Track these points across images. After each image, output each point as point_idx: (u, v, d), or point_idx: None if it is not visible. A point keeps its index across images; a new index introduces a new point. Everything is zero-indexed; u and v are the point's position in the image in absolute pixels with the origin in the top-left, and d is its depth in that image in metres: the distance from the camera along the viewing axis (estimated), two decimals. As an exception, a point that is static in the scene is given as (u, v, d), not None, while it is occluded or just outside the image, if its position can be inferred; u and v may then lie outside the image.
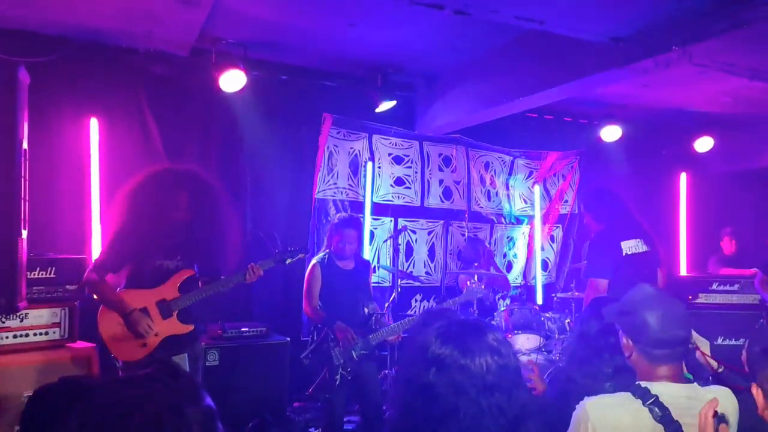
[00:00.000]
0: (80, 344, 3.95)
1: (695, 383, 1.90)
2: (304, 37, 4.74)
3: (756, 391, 1.71)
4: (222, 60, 4.70)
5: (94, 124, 4.66)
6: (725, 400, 1.89)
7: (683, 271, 7.40)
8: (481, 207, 6.59)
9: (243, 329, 4.67)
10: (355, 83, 5.50)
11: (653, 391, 1.81)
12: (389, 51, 5.05)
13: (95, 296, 3.42)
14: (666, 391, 1.82)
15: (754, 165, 7.05)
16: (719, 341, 6.11)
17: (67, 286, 3.95)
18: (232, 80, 4.75)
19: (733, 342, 5.74)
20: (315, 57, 5.19)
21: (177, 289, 3.47)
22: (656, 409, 1.77)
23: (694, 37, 3.41)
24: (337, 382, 3.93)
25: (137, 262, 3.43)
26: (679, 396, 1.82)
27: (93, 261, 3.64)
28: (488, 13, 3.47)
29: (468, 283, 4.77)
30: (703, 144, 7.02)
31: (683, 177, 7.65)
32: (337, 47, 4.94)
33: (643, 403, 1.79)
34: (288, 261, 3.80)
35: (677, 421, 1.75)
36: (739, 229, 6.70)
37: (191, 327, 3.51)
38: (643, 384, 1.85)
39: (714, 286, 6.40)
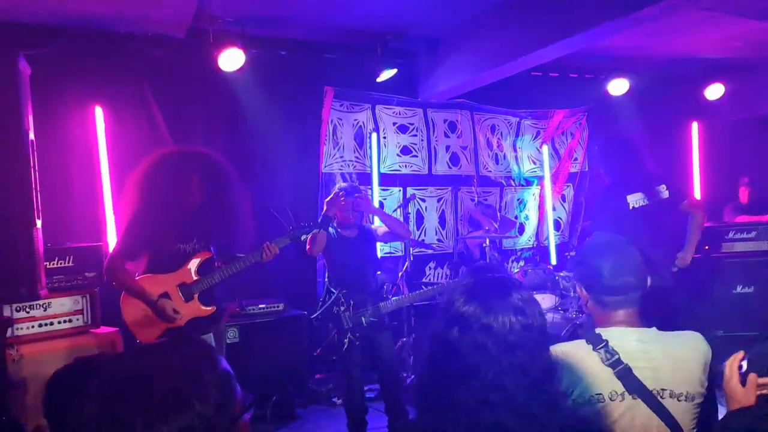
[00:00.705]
0: (104, 329, 4.09)
1: (653, 328, 1.92)
2: (300, 9, 4.72)
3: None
4: (220, 39, 4.72)
5: (99, 112, 4.73)
6: (696, 343, 1.92)
7: (698, 221, 7.36)
8: (490, 171, 6.60)
9: (261, 306, 4.79)
10: (355, 54, 5.50)
11: (604, 336, 1.86)
12: (388, 17, 5.02)
13: (116, 285, 3.45)
14: (617, 335, 1.87)
15: (763, 112, 6.96)
16: (738, 290, 6.13)
17: (86, 274, 4.09)
18: (231, 59, 4.78)
19: (750, 290, 5.76)
20: (313, 29, 5.18)
21: (196, 271, 3.52)
22: (605, 353, 1.82)
23: None
24: (345, 346, 3.97)
25: (155, 248, 3.46)
26: (630, 340, 1.86)
27: (111, 250, 3.69)
28: None
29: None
30: (714, 91, 6.92)
31: (695, 126, 7.56)
32: (334, 17, 4.92)
33: (593, 348, 1.84)
34: (303, 237, 3.86)
35: (626, 363, 1.80)
36: (754, 177, 6.65)
37: (213, 308, 3.56)
38: (598, 330, 1.90)
39: (731, 235, 6.40)
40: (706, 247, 6.42)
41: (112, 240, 4.69)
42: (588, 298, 1.99)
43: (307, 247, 4.07)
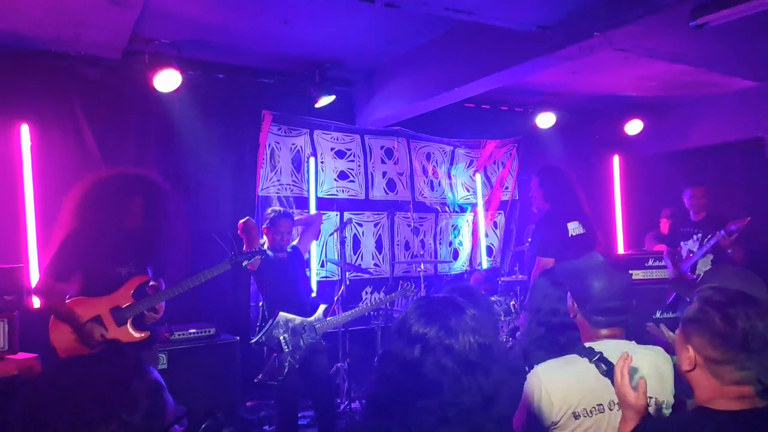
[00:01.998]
0: (22, 355, 3.86)
1: (633, 341, 2.03)
2: (237, 36, 4.71)
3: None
4: (156, 60, 4.63)
5: (25, 130, 4.52)
6: (659, 357, 2.01)
7: (620, 249, 7.69)
8: (425, 197, 6.69)
9: (191, 330, 4.63)
10: (293, 80, 5.51)
11: (597, 349, 1.93)
12: (325, 47, 5.06)
13: (44, 307, 3.31)
14: (608, 347, 1.94)
15: (680, 146, 7.37)
16: (657, 315, 6.40)
17: (5, 297, 3.85)
18: (167, 80, 4.69)
19: (670, 315, 6.01)
20: (250, 55, 5.16)
21: (131, 295, 3.41)
22: (602, 364, 1.89)
23: (613, 23, 3.54)
24: (286, 370, 3.93)
25: (89, 270, 3.35)
26: (621, 351, 1.89)
27: (42, 270, 3.54)
28: (418, 5, 3.54)
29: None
30: (633, 127, 7.29)
31: (616, 159, 7.94)
32: (272, 45, 4.93)
33: (590, 361, 1.90)
34: (244, 263, 3.78)
35: None
36: (676, 209, 6.99)
37: (147, 334, 3.45)
38: (588, 344, 1.98)
39: (650, 263, 6.70)
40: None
41: (34, 262, 4.46)
42: (578, 312, 2.06)
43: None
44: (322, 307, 4.27)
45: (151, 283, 3.53)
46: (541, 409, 1.90)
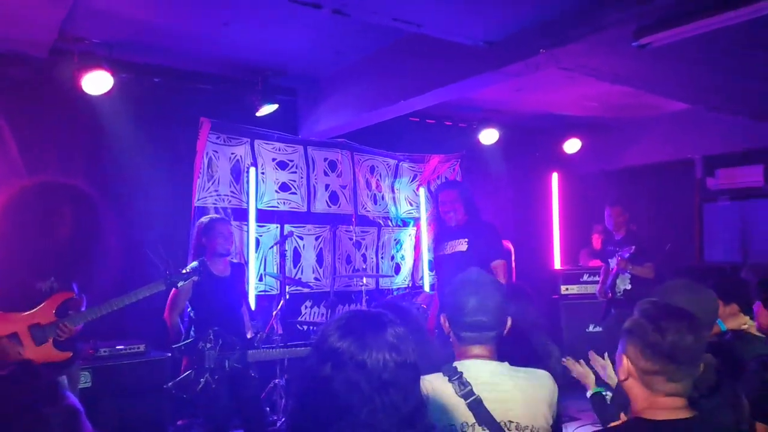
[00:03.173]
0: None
1: (506, 363, 1.98)
2: (175, 38, 4.51)
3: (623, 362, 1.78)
4: (85, 61, 4.38)
5: (-65, 131, 4.16)
6: (544, 380, 1.99)
7: (557, 264, 7.79)
8: (368, 211, 6.57)
9: (118, 347, 4.36)
10: (234, 86, 5.32)
11: (459, 369, 1.91)
12: (269, 53, 4.91)
13: None
14: (471, 367, 1.92)
15: (615, 166, 7.59)
16: (590, 329, 6.54)
17: None
18: (97, 82, 4.45)
19: (600, 329, 6.14)
20: (189, 58, 4.95)
21: (53, 312, 3.16)
22: (459, 384, 1.87)
23: (559, 41, 3.57)
24: (200, 386, 3.72)
25: (7, 284, 3.12)
26: (483, 372, 1.92)
27: None
28: (367, 14, 3.48)
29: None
30: (572, 146, 7.46)
31: (555, 177, 8.07)
32: (212, 48, 4.74)
33: (449, 380, 1.89)
34: (180, 284, 3.54)
35: (478, 395, 1.86)
36: (604, 225, 7.18)
37: (69, 354, 3.22)
38: (455, 363, 1.95)
39: (585, 278, 6.85)
40: (565, 289, 6.84)
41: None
42: (450, 331, 2.03)
43: (167, 311, 3.91)
44: (261, 335, 4.11)
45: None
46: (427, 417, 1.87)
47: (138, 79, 4.89)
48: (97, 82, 4.41)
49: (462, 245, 4.41)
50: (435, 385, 1.85)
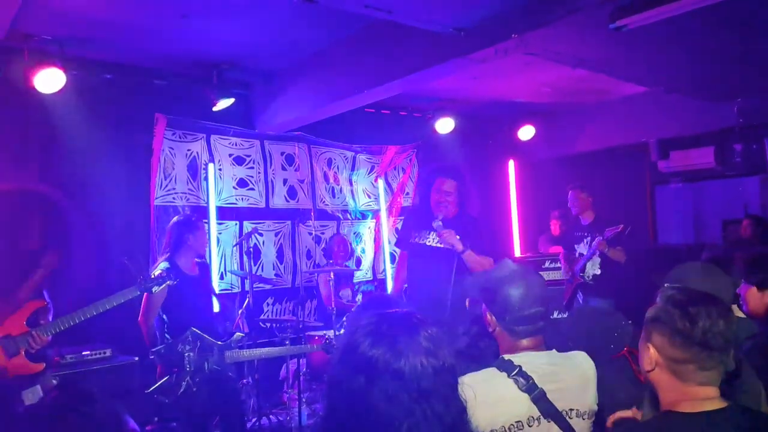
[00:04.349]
0: None
1: (554, 350, 2.05)
2: (128, 33, 4.61)
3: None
4: (36, 58, 4.46)
5: None
6: (583, 362, 2.07)
7: (517, 252, 8.24)
8: (326, 204, 6.83)
9: (84, 353, 4.48)
10: (189, 82, 5.46)
11: (516, 362, 1.95)
12: (224, 46, 5.05)
13: None
14: (528, 360, 1.96)
15: (569, 151, 8.03)
16: (555, 315, 6.92)
17: None
18: (49, 80, 4.53)
19: (565, 315, 6.52)
20: (143, 54, 5.06)
21: (24, 323, 3.25)
22: (521, 378, 1.90)
23: (532, 24, 3.74)
24: (182, 390, 3.85)
25: None
26: (541, 364, 1.96)
27: None
28: (338, 1, 3.59)
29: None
30: (526, 132, 7.88)
31: (511, 164, 8.52)
32: (166, 43, 4.86)
33: (508, 375, 1.92)
34: (155, 290, 3.67)
35: (541, 387, 1.91)
36: (564, 211, 7.63)
37: (41, 366, 3.32)
38: (507, 357, 1.99)
39: (546, 264, 7.23)
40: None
41: None
42: (497, 326, 2.05)
43: (141, 315, 3.96)
44: (237, 335, 4.19)
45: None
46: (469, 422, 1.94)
47: (91, 76, 4.98)
48: (49, 80, 4.49)
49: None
50: (490, 382, 1.91)
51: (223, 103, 5.44)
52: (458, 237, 4.10)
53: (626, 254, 5.67)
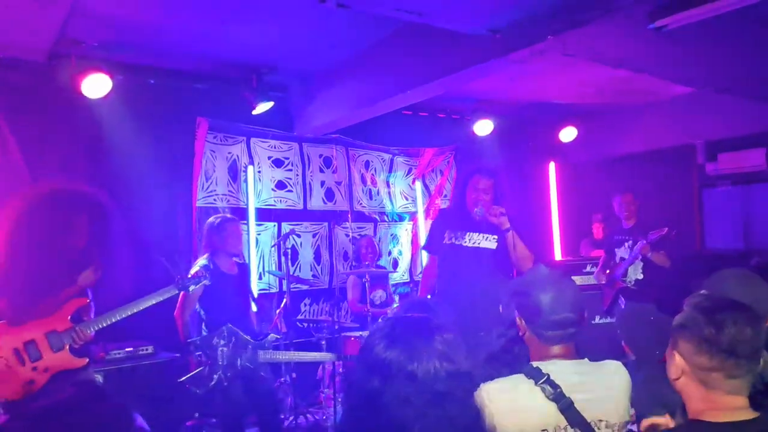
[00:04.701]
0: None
1: (586, 359, 2.05)
2: (171, 37, 4.77)
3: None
4: (83, 64, 4.67)
5: (-62, 138, 4.45)
6: (615, 373, 2.07)
7: (558, 255, 8.19)
8: (364, 206, 6.93)
9: (127, 349, 4.67)
10: (229, 85, 5.61)
11: (545, 371, 1.94)
12: (264, 50, 5.20)
13: None
14: (557, 369, 1.96)
15: (612, 153, 7.94)
16: (597, 320, 6.86)
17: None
18: (96, 85, 4.74)
19: (608, 320, 6.46)
20: (185, 58, 5.24)
21: (69, 319, 3.40)
22: (548, 387, 1.90)
23: (568, 25, 3.75)
24: (213, 383, 4.00)
25: (24, 292, 3.33)
26: (570, 373, 1.96)
27: None
28: (370, 5, 3.66)
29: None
30: (568, 134, 7.81)
31: (552, 166, 8.48)
32: (208, 48, 5.03)
33: (536, 383, 1.92)
34: (191, 289, 3.85)
35: (569, 397, 1.90)
36: (607, 214, 7.55)
37: (85, 360, 3.46)
38: (536, 364, 1.99)
39: (587, 268, 7.15)
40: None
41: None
42: (527, 330, 2.07)
43: (178, 310, 4.15)
44: (271, 336, 4.32)
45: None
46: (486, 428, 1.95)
47: (135, 80, 5.18)
48: (95, 85, 4.71)
49: (490, 242, 4.21)
50: (517, 390, 1.93)
51: (263, 107, 5.58)
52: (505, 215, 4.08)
53: (670, 259, 5.57)
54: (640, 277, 5.76)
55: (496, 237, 4.18)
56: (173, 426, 4.85)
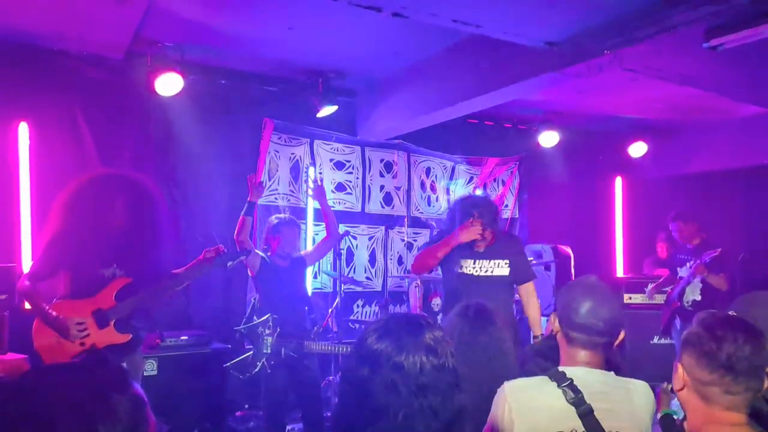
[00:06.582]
0: (11, 356, 4.02)
1: (612, 372, 2.04)
2: (242, 41, 4.91)
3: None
4: (158, 63, 4.85)
5: (23, 128, 4.72)
6: (647, 391, 2.06)
7: (620, 272, 7.92)
8: (421, 212, 6.90)
9: (182, 337, 4.81)
10: (296, 88, 5.71)
11: (569, 375, 1.97)
12: (329, 55, 5.27)
13: (27, 305, 3.46)
14: (582, 375, 1.97)
15: (683, 171, 7.62)
16: (655, 340, 6.60)
17: (-3, 296, 4.03)
18: (169, 84, 4.91)
19: (668, 341, 6.22)
20: (254, 61, 5.37)
21: (113, 297, 3.52)
22: (570, 391, 1.92)
23: (624, 41, 3.70)
24: (257, 369, 4.06)
25: (73, 271, 3.49)
26: (594, 381, 1.97)
27: (27, 270, 3.70)
28: (426, 15, 3.67)
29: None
30: (637, 149, 7.56)
31: (618, 181, 8.21)
32: (276, 51, 5.14)
33: (558, 385, 1.94)
34: (229, 264, 3.90)
35: (589, 403, 1.91)
36: (668, 232, 7.24)
37: (129, 336, 3.57)
38: (561, 368, 2.01)
39: (649, 287, 6.89)
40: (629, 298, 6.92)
41: (27, 261, 4.64)
42: (559, 330, 2.10)
43: (236, 234, 4.31)
44: (317, 329, 4.37)
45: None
46: (503, 428, 1.97)
47: (205, 80, 5.35)
48: (168, 84, 4.88)
49: (502, 268, 4.01)
50: (539, 389, 1.96)
51: (327, 110, 5.65)
52: None
53: (729, 282, 5.35)
54: (698, 298, 5.59)
55: (507, 261, 3.99)
56: (223, 415, 4.97)
